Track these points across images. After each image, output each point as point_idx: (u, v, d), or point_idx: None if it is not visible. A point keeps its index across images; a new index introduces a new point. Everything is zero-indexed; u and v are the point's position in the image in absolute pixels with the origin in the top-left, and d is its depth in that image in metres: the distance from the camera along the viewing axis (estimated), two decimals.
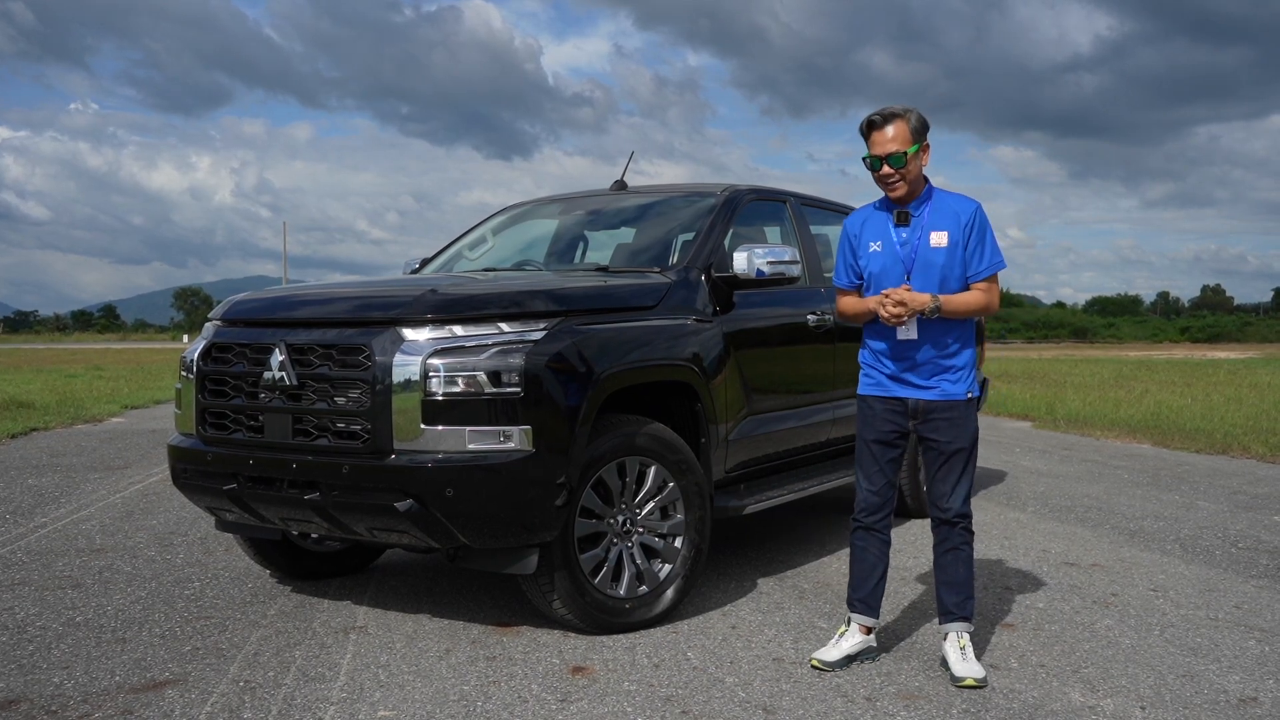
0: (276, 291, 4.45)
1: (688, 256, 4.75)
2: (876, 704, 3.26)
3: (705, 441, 4.38)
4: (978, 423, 3.64)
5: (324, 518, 3.77)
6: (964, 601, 3.57)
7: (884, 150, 3.45)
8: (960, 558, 3.58)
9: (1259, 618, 4.20)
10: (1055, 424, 12.46)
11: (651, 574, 4.07)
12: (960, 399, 3.54)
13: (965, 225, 3.49)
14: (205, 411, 4.07)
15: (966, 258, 3.49)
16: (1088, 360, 35.58)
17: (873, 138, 3.48)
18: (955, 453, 3.54)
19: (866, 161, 3.51)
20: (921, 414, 3.55)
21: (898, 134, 3.44)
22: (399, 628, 4.06)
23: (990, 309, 3.54)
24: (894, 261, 3.52)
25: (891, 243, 3.54)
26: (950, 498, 3.56)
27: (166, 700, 3.27)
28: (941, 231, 3.49)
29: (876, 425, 3.62)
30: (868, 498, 3.66)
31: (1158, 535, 5.84)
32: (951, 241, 3.48)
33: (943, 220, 3.51)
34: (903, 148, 3.44)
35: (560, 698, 3.30)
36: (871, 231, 3.60)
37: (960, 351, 3.54)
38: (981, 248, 3.50)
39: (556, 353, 3.72)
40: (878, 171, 3.48)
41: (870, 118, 3.50)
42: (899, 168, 3.45)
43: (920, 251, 3.49)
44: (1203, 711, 3.19)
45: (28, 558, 5.23)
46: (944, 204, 3.54)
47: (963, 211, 3.51)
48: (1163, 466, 8.77)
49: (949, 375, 3.53)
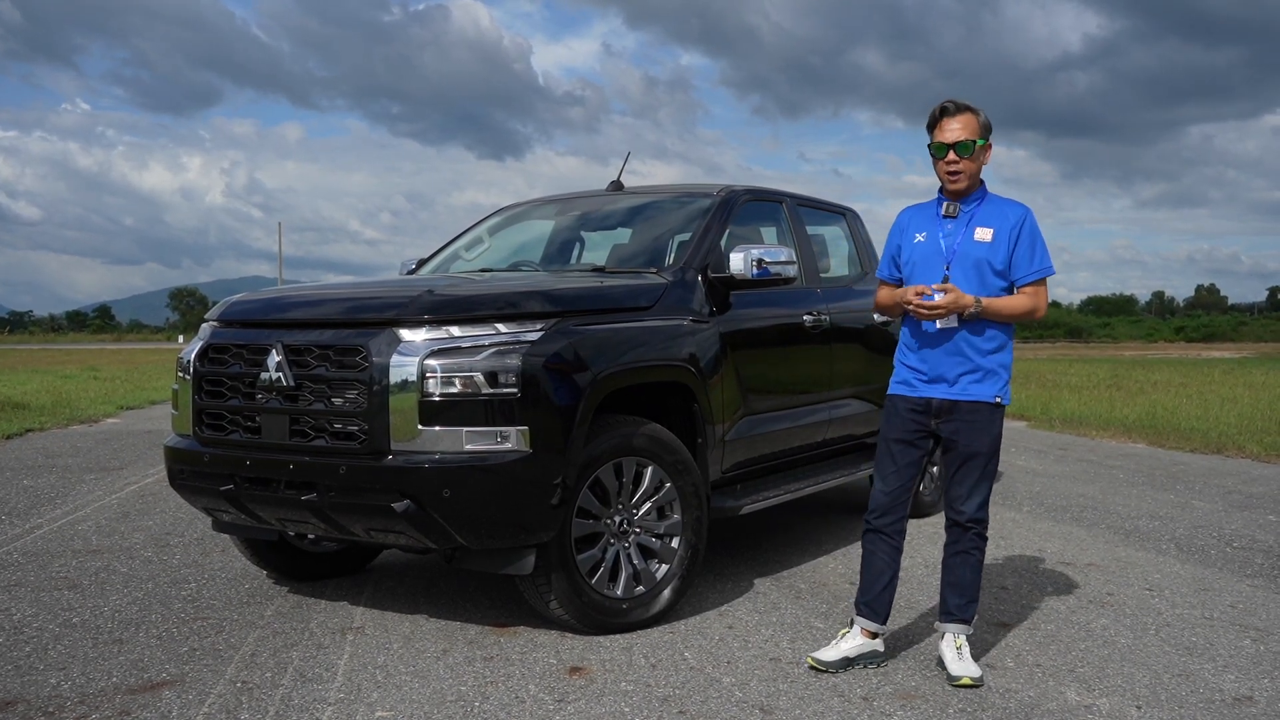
0: (273, 292, 4.45)
1: (684, 257, 4.76)
2: (873, 703, 3.27)
3: (702, 442, 4.39)
4: (1002, 429, 3.59)
5: (321, 518, 3.77)
6: (967, 605, 3.56)
7: (954, 137, 3.43)
8: (969, 562, 3.56)
9: (1254, 617, 4.21)
10: (1051, 424, 12.49)
11: (648, 574, 4.07)
12: (986, 401, 3.50)
13: (1014, 227, 3.46)
14: (202, 412, 4.07)
15: (1014, 261, 3.46)
16: (1083, 360, 35.64)
17: (943, 124, 3.46)
18: (973, 456, 3.50)
19: (931, 148, 3.48)
20: (944, 413, 3.52)
21: (967, 124, 3.44)
22: (396, 628, 4.06)
23: (1035, 314, 3.50)
24: (935, 253, 3.51)
25: (936, 234, 3.52)
26: (965, 501, 3.53)
27: (163, 701, 3.26)
28: (988, 229, 3.47)
29: (899, 425, 3.59)
30: (880, 499, 3.63)
31: (1153, 535, 5.85)
32: (996, 240, 3.45)
33: (991, 219, 3.49)
34: (972, 137, 3.43)
35: (557, 698, 3.30)
36: (920, 223, 3.60)
37: (993, 354, 3.50)
38: (1031, 252, 3.47)
39: (553, 353, 3.72)
40: (943, 158, 3.46)
41: (943, 104, 3.48)
42: (965, 156, 3.43)
43: (963, 245, 3.47)
44: (1198, 710, 3.21)
45: (24, 559, 5.22)
46: (995, 205, 3.53)
47: (1012, 213, 3.49)
48: (1158, 466, 8.79)
49: (977, 376, 3.49)
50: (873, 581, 3.64)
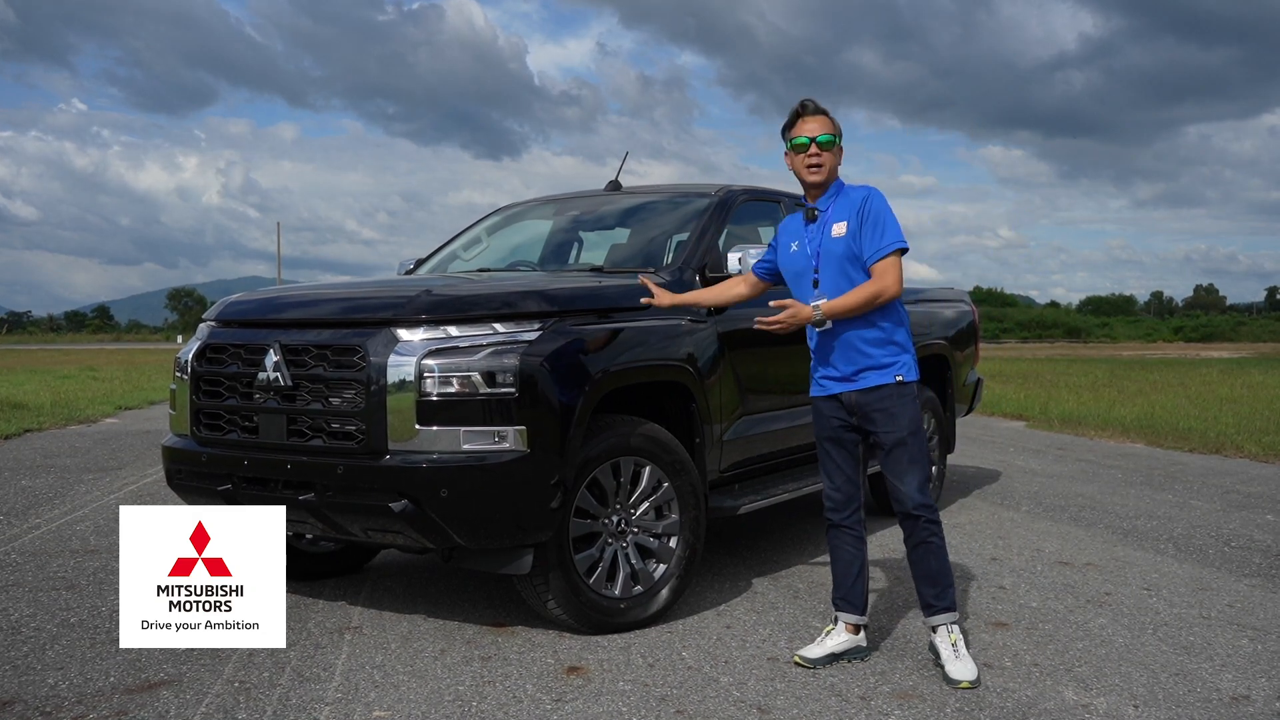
0: (270, 292, 4.45)
1: (682, 257, 4.76)
2: (871, 703, 3.27)
3: (700, 441, 4.39)
4: (917, 409, 3.60)
5: (319, 518, 3.77)
6: (942, 592, 3.57)
7: (815, 133, 3.57)
8: (930, 550, 3.58)
9: (1252, 616, 4.21)
10: (1049, 424, 12.49)
11: (646, 574, 4.07)
12: (888, 383, 3.54)
13: (858, 211, 3.54)
14: (200, 412, 4.07)
15: (863, 243, 3.52)
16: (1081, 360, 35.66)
17: (805, 121, 3.61)
18: (895, 444, 3.53)
19: (791, 145, 3.62)
20: (857, 409, 3.59)
21: (826, 123, 3.60)
22: (394, 628, 4.06)
23: (883, 295, 3.48)
24: (805, 259, 3.63)
25: (804, 242, 3.65)
26: (903, 490, 3.56)
27: (161, 701, 3.26)
28: (841, 222, 3.57)
29: (823, 424, 3.71)
30: (831, 495, 3.74)
31: (1151, 534, 5.85)
32: (850, 230, 3.54)
33: (843, 211, 3.59)
34: (832, 133, 3.59)
35: (555, 697, 3.30)
36: (791, 232, 3.74)
37: (882, 341, 3.56)
38: (877, 229, 3.51)
39: (551, 353, 3.72)
40: (805, 152, 3.58)
41: (803, 103, 3.64)
42: (827, 149, 3.57)
43: (824, 245, 3.57)
44: (1195, 709, 3.21)
45: (22, 559, 5.22)
46: (845, 196, 3.62)
47: (858, 198, 3.56)
48: (1156, 466, 8.79)
49: (872, 364, 3.55)
50: (844, 575, 3.72)
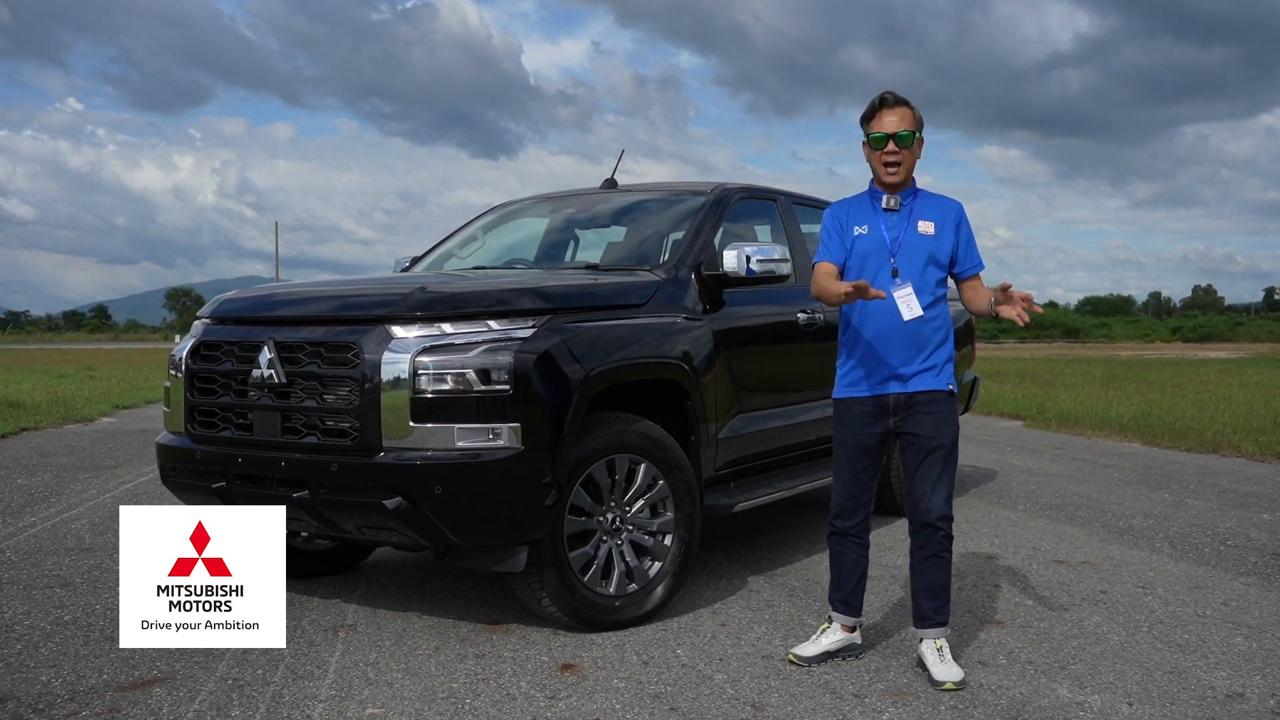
0: (264, 289, 4.45)
1: (678, 255, 4.76)
2: (865, 700, 3.26)
3: (695, 439, 4.38)
4: (958, 421, 3.63)
5: (313, 516, 3.76)
6: (941, 607, 3.53)
7: (894, 128, 3.45)
8: (940, 564, 3.51)
9: (1246, 615, 4.21)
10: (1046, 423, 12.49)
11: (641, 572, 4.07)
12: (942, 390, 3.52)
13: (955, 221, 3.55)
14: (194, 410, 4.07)
15: (960, 254, 3.55)
16: (1079, 360, 35.67)
17: (882, 114, 3.47)
18: (935, 449, 3.48)
19: (870, 139, 3.49)
20: (902, 409, 3.51)
21: (905, 117, 3.47)
22: (388, 626, 4.05)
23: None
24: (880, 246, 3.52)
25: (879, 228, 3.54)
26: (931, 498, 3.47)
27: (154, 698, 3.26)
28: (929, 222, 3.53)
29: (855, 429, 3.57)
30: (841, 503, 3.63)
31: (1147, 533, 5.86)
32: (938, 231, 3.52)
33: (929, 213, 3.55)
34: (912, 128, 3.47)
35: (549, 695, 3.29)
36: (857, 217, 3.59)
37: (941, 346, 3.54)
38: (972, 247, 3.59)
39: (546, 350, 3.72)
40: (882, 149, 3.46)
41: (882, 95, 3.49)
42: (905, 147, 3.46)
43: (907, 237, 3.51)
44: (1189, 707, 3.21)
45: (16, 557, 5.21)
46: (930, 200, 3.59)
47: (950, 208, 3.57)
48: (1153, 465, 8.79)
49: (930, 368, 3.52)
50: (845, 579, 3.65)
